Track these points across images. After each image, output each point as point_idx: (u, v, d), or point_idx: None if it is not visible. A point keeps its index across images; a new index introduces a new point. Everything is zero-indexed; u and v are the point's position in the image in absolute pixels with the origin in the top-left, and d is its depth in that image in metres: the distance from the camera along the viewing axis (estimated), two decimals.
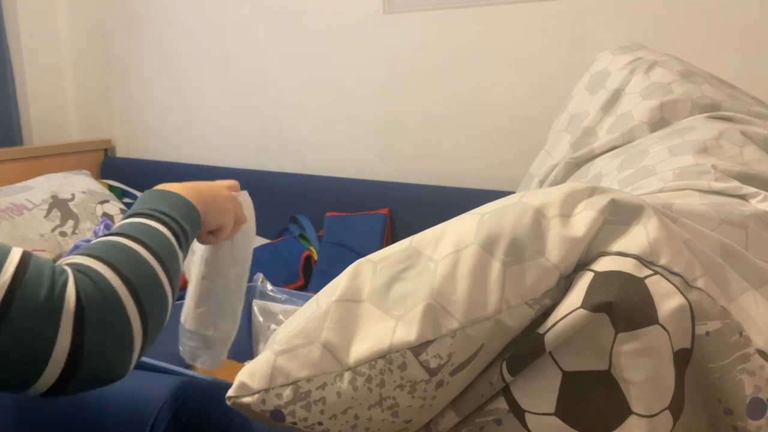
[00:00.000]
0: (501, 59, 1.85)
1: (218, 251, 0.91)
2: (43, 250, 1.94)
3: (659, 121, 1.08)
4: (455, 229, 0.58)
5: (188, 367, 1.04)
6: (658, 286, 0.52)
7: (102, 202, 2.20)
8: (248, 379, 0.56)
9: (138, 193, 2.43)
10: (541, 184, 1.19)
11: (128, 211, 0.70)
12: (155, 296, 0.59)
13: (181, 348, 0.95)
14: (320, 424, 0.55)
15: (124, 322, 0.55)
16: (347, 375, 0.54)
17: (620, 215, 0.57)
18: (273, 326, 1.35)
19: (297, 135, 2.25)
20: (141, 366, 1.01)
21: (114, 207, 2.21)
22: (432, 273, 0.55)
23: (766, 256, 0.66)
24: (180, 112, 2.52)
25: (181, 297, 1.75)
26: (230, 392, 0.57)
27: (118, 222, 0.67)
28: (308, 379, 0.55)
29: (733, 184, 0.80)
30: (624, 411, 0.51)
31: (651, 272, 0.53)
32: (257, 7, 2.25)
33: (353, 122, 2.13)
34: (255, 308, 1.39)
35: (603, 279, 0.53)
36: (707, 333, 0.53)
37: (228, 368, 1.29)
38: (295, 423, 0.55)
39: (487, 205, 0.60)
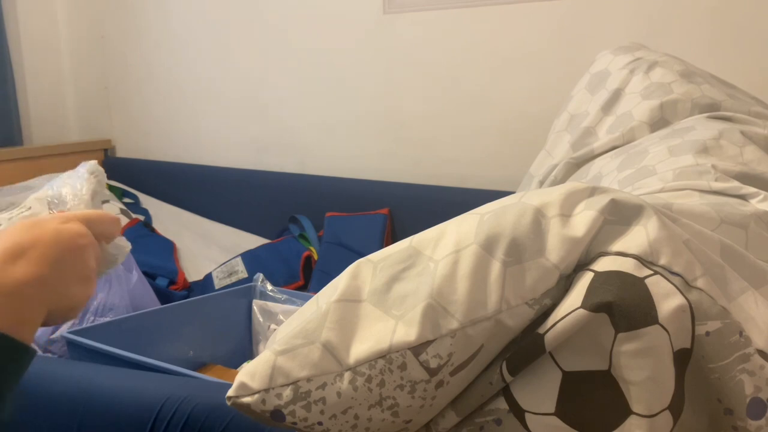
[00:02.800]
0: (501, 59, 1.85)
1: None
2: None
3: (659, 121, 1.08)
4: (455, 229, 0.58)
5: (189, 367, 1.04)
6: (658, 286, 0.52)
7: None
8: (248, 379, 0.56)
9: (138, 193, 2.43)
10: (541, 184, 1.19)
11: None
12: None
13: None
14: (320, 424, 0.55)
15: None
16: (347, 375, 0.54)
17: (620, 215, 0.57)
18: (273, 326, 1.35)
19: (297, 135, 2.25)
20: (141, 366, 1.01)
21: (114, 207, 2.21)
22: (432, 273, 0.55)
23: (766, 256, 0.66)
24: (180, 112, 2.52)
25: (182, 297, 1.76)
26: (230, 392, 0.57)
27: None
28: (308, 379, 0.55)
29: (733, 184, 0.80)
30: (624, 411, 0.51)
31: (651, 272, 0.53)
32: (257, 6, 2.25)
33: (353, 122, 2.12)
34: (255, 308, 1.39)
35: (603, 279, 0.53)
36: (707, 333, 0.53)
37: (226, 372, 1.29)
38: (295, 423, 0.55)
39: (487, 205, 0.60)
